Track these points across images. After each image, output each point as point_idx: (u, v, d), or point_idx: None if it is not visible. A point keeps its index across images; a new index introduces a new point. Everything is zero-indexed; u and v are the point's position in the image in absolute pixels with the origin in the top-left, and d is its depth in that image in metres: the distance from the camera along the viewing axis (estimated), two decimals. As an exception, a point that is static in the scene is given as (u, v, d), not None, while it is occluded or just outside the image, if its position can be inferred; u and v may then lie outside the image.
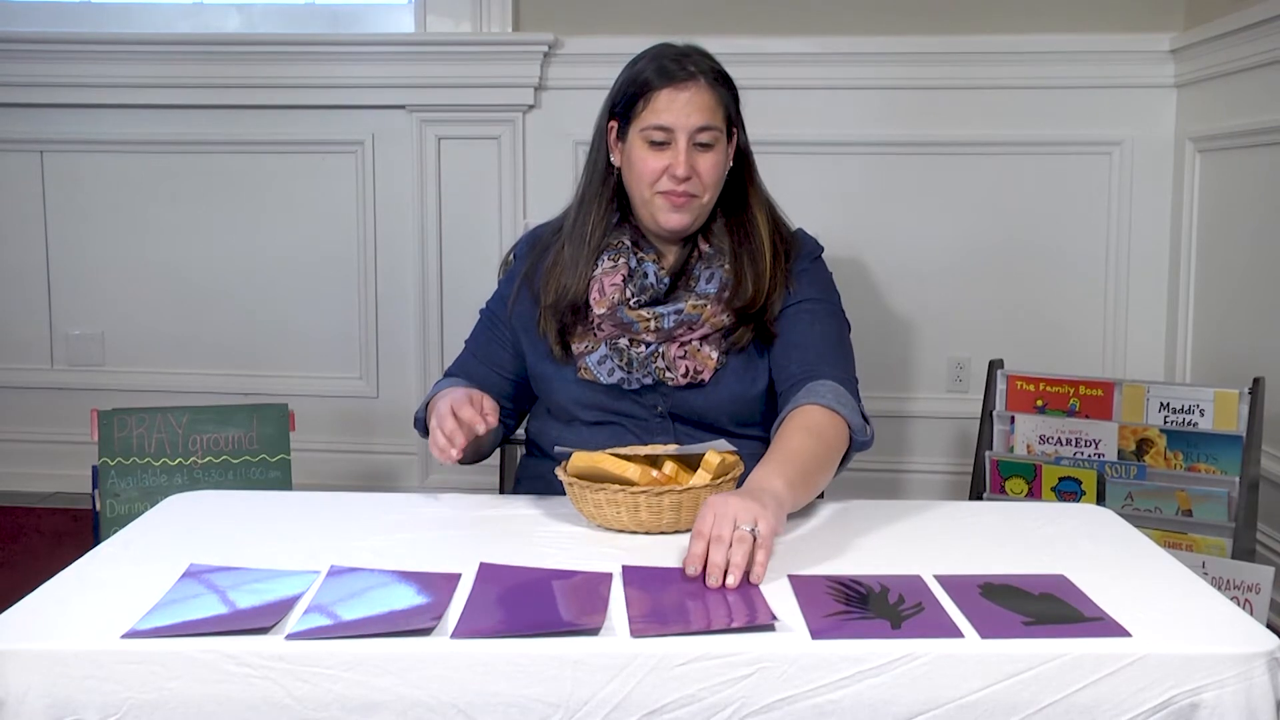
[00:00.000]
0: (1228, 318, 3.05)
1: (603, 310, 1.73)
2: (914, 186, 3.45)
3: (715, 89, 1.73)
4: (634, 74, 1.74)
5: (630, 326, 1.72)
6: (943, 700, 1.12)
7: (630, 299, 1.73)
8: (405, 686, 1.11)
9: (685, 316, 1.72)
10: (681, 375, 1.72)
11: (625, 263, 1.74)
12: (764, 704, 1.12)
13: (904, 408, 3.51)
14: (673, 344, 1.73)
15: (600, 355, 1.74)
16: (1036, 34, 3.35)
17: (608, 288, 1.73)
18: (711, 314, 1.72)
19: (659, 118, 1.70)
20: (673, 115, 1.69)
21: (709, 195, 1.73)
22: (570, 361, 1.76)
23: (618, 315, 1.72)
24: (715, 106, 1.72)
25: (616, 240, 1.76)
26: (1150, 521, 2.58)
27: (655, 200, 1.72)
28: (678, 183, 1.69)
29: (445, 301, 3.55)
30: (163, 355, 3.72)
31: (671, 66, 1.72)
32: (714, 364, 1.73)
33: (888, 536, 1.49)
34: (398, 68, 3.51)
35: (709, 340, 1.74)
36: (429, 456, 3.61)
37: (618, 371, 1.73)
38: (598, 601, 1.23)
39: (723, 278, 1.74)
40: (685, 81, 1.70)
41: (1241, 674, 1.12)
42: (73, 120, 3.64)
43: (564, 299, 1.75)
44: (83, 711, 1.11)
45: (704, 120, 1.70)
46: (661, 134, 1.70)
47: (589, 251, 1.75)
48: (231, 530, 1.50)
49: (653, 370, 1.72)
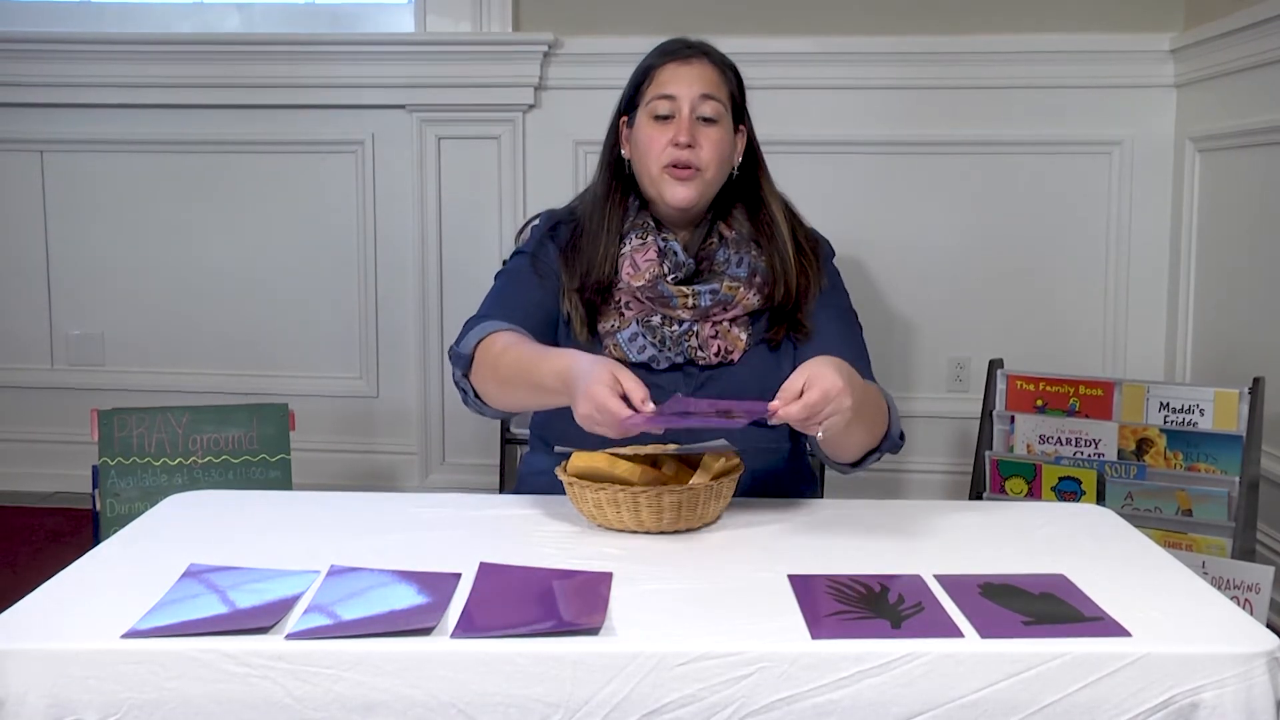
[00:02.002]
0: (1228, 318, 3.05)
1: (640, 283, 1.72)
2: (914, 186, 3.45)
3: (720, 69, 1.77)
4: (641, 65, 1.80)
5: (669, 301, 1.72)
6: (943, 700, 1.12)
7: (667, 274, 1.74)
8: (405, 686, 1.11)
9: (721, 296, 1.72)
10: (713, 354, 1.73)
11: (654, 241, 1.75)
12: (764, 704, 1.12)
13: (904, 408, 3.48)
14: (706, 323, 1.73)
15: (632, 332, 1.73)
16: (1036, 34, 3.35)
17: (642, 263, 1.73)
18: (743, 296, 1.74)
19: (663, 89, 1.74)
20: (675, 85, 1.73)
21: (713, 171, 1.74)
22: (595, 342, 1.75)
23: (658, 289, 1.72)
24: (719, 82, 1.76)
25: (641, 221, 1.78)
26: (1150, 521, 2.58)
27: (661, 176, 1.73)
28: (680, 150, 1.70)
29: (445, 301, 3.55)
30: (163, 355, 3.72)
31: (676, 46, 1.78)
32: (743, 345, 1.74)
33: (888, 536, 1.49)
34: (398, 68, 3.51)
35: (738, 322, 1.75)
36: (429, 456, 3.62)
37: (649, 349, 1.72)
38: (598, 601, 1.23)
39: (751, 263, 1.75)
40: (690, 58, 1.76)
41: (1241, 674, 1.12)
42: (73, 120, 3.64)
43: (591, 276, 1.74)
44: (83, 711, 1.11)
45: (707, 90, 1.73)
46: (666, 104, 1.73)
47: (612, 233, 1.76)
48: (231, 530, 1.50)
49: (685, 349, 1.72)
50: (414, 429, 3.64)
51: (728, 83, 1.77)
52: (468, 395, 1.70)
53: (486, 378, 1.65)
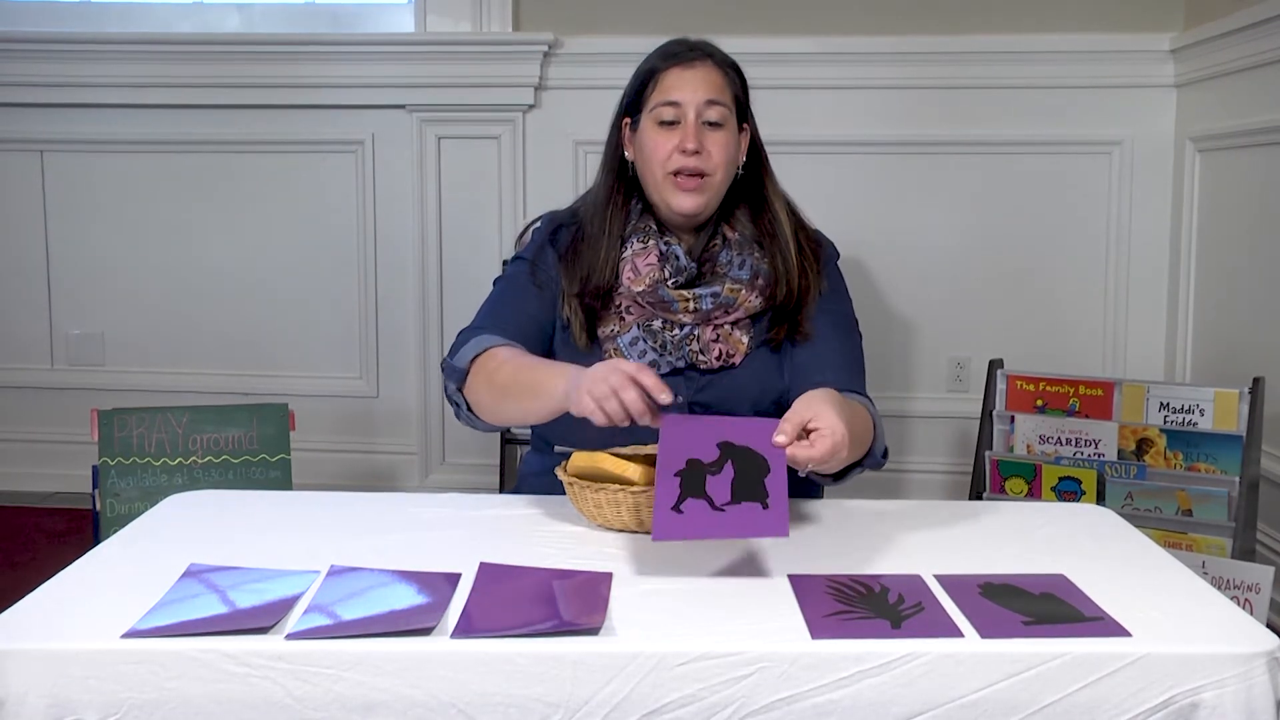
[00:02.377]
0: (1228, 317, 3.05)
1: (641, 288, 1.72)
2: (914, 186, 3.45)
3: (724, 71, 1.76)
4: (642, 66, 1.78)
5: (669, 306, 1.72)
6: (943, 700, 1.12)
7: (668, 278, 1.73)
8: (405, 686, 1.11)
9: (723, 299, 1.72)
10: (715, 359, 1.72)
11: (655, 245, 1.75)
12: (764, 704, 1.12)
13: (904, 407, 3.51)
14: (707, 326, 1.73)
15: (632, 337, 1.73)
16: (1036, 34, 3.35)
17: (642, 267, 1.73)
18: (745, 298, 1.73)
19: (667, 94, 1.72)
20: (680, 91, 1.72)
21: (720, 175, 1.73)
22: (594, 347, 1.75)
23: (658, 294, 1.71)
24: (723, 85, 1.75)
25: (644, 224, 1.77)
26: (1150, 521, 2.58)
27: (667, 184, 1.72)
28: (687, 157, 1.70)
29: (445, 301, 3.55)
30: (163, 355, 3.72)
31: (678, 49, 1.76)
32: (745, 348, 1.74)
33: (888, 536, 1.49)
34: (398, 67, 3.51)
35: (739, 325, 1.74)
36: (429, 456, 3.63)
37: (650, 353, 1.72)
38: (598, 601, 1.23)
39: (754, 265, 1.74)
40: (693, 61, 1.74)
41: (1241, 674, 1.12)
42: (73, 120, 3.64)
43: (590, 282, 1.74)
44: (83, 711, 1.11)
45: (712, 94, 1.72)
46: (671, 110, 1.72)
47: (613, 237, 1.75)
48: (231, 530, 1.50)
49: (686, 353, 1.72)
50: (414, 429, 3.64)
51: (731, 84, 1.76)
52: (460, 409, 1.70)
53: (481, 390, 1.64)
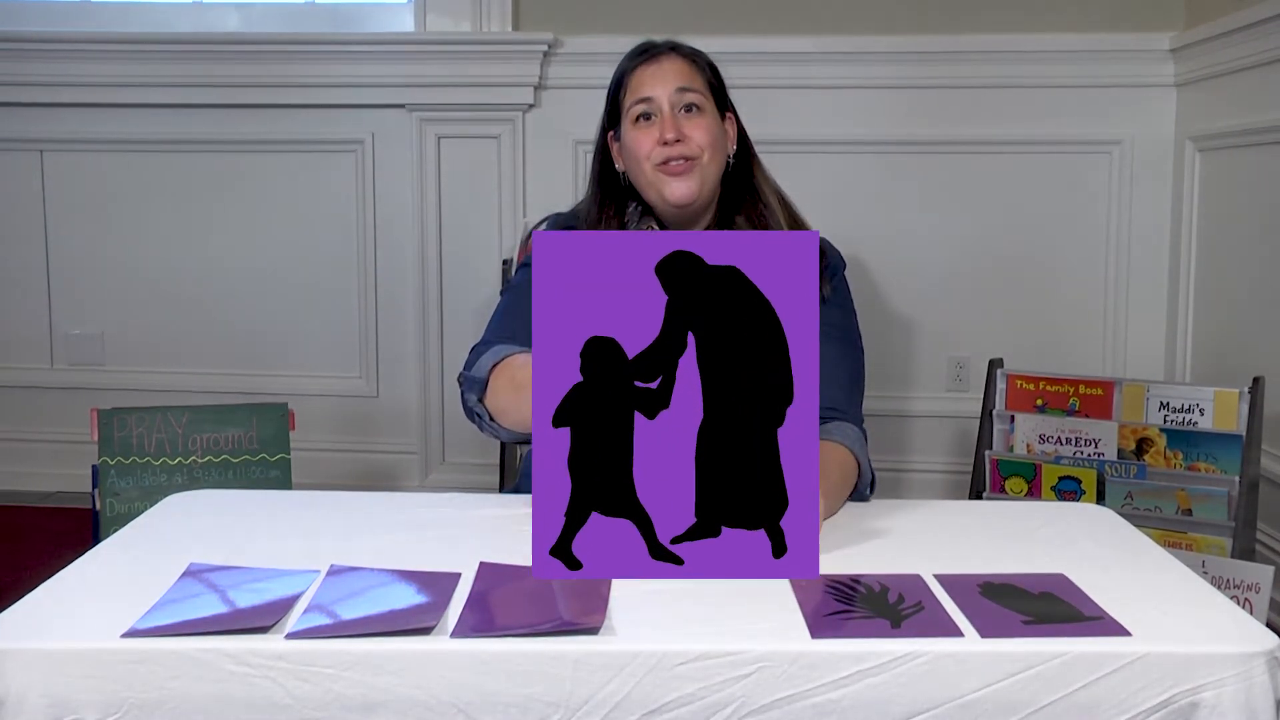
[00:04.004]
0: (1228, 317, 3.05)
1: None
2: (914, 186, 3.45)
3: (691, 60, 1.78)
4: (613, 76, 1.80)
5: None
6: (943, 700, 1.12)
7: None
8: (405, 686, 1.11)
9: None
10: None
11: None
12: (764, 704, 1.12)
13: (904, 407, 3.51)
14: None
15: None
16: (1036, 34, 3.35)
17: None
18: None
19: (639, 92, 1.75)
20: (651, 86, 1.74)
21: (707, 157, 1.73)
22: None
23: None
24: (693, 73, 1.76)
25: (644, 226, 1.78)
26: (1150, 521, 2.58)
27: (656, 176, 1.73)
28: (669, 147, 1.71)
29: (445, 301, 3.55)
30: (163, 355, 3.72)
31: (643, 48, 1.79)
32: None
33: (888, 536, 1.49)
34: (397, 67, 3.51)
35: None
36: (429, 456, 3.62)
37: None
38: (598, 601, 1.23)
39: None
40: (657, 56, 1.77)
41: (1241, 674, 1.12)
42: (73, 120, 3.64)
43: None
44: (83, 711, 1.11)
45: (681, 82, 1.74)
46: (644, 105, 1.74)
47: None
48: (231, 530, 1.50)
49: None
50: (414, 429, 3.64)
51: (701, 72, 1.78)
52: (483, 420, 1.68)
53: (504, 394, 1.62)
